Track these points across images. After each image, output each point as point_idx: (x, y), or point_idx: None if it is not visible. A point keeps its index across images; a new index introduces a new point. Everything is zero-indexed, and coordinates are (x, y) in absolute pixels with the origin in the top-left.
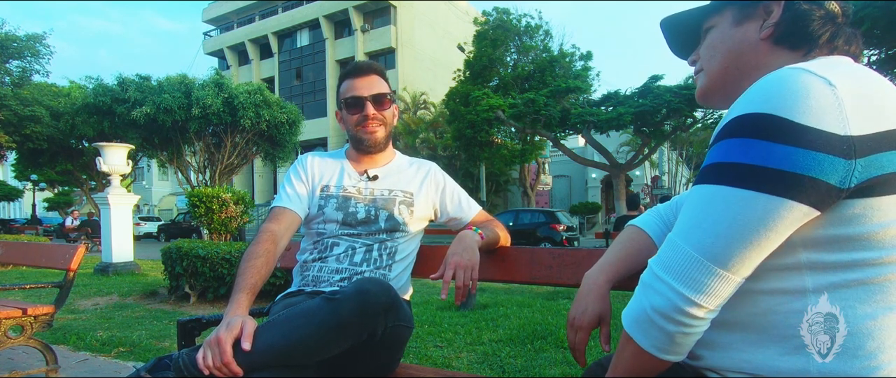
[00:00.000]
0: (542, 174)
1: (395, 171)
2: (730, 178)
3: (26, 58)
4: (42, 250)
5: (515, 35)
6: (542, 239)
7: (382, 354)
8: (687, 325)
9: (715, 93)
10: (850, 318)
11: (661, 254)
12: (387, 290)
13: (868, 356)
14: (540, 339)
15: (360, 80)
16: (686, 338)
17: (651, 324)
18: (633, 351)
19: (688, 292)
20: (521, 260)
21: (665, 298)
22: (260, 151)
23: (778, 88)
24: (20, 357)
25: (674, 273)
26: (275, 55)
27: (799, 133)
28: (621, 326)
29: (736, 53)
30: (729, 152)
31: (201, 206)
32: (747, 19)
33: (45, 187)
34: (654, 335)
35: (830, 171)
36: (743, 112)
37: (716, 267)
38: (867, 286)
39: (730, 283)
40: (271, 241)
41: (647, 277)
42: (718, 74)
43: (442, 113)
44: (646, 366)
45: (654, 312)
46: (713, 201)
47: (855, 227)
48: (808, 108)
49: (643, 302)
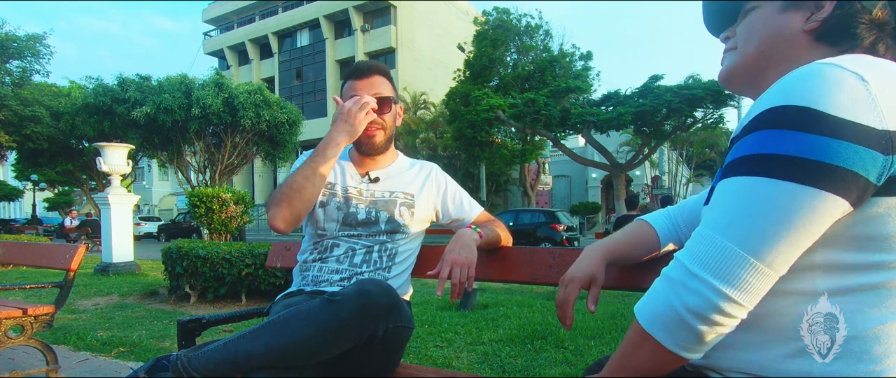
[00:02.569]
0: (542, 174)
1: (396, 173)
2: (768, 170)
3: (26, 58)
4: (42, 250)
5: (515, 35)
6: (542, 239)
7: (383, 355)
8: (721, 324)
9: (741, 75)
10: (858, 321)
11: (692, 248)
12: (387, 291)
13: (874, 360)
14: (540, 339)
15: (362, 81)
16: (716, 337)
17: (680, 323)
18: (652, 349)
19: (726, 288)
20: (521, 260)
21: (700, 297)
22: (260, 151)
23: (811, 82)
24: (20, 357)
25: (709, 268)
26: (275, 55)
27: (838, 125)
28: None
29: (774, 40)
30: (764, 143)
31: (201, 206)
32: (795, 8)
33: (46, 187)
34: (682, 335)
35: (870, 166)
36: (776, 104)
37: (755, 261)
38: (880, 290)
39: (768, 280)
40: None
41: (675, 273)
42: (752, 57)
43: (442, 113)
44: (665, 365)
45: (687, 312)
46: (751, 193)
47: (875, 228)
48: (844, 101)
49: (672, 300)
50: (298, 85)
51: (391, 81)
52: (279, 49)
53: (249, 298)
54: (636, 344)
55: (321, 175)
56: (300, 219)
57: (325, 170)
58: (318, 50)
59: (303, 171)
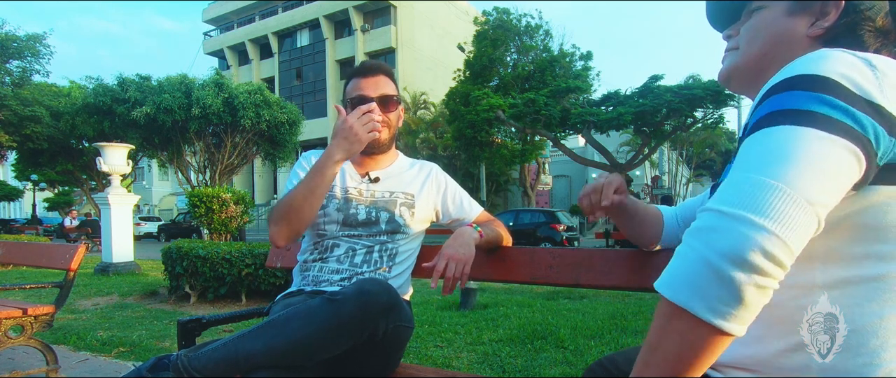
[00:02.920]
0: (542, 174)
1: (396, 173)
2: (787, 119)
3: (26, 58)
4: (42, 250)
5: (515, 35)
6: (542, 239)
7: (383, 354)
8: (764, 270)
9: (741, 75)
10: (856, 315)
11: (717, 194)
12: (387, 291)
13: (870, 354)
14: (540, 339)
15: (367, 80)
16: (759, 293)
17: (714, 276)
18: (684, 328)
19: (761, 219)
20: (521, 260)
21: (733, 234)
22: (260, 151)
23: (824, 59)
24: (20, 357)
25: (738, 203)
26: (275, 55)
27: (853, 96)
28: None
29: (777, 43)
30: (786, 102)
31: (201, 206)
32: (801, 12)
33: (46, 187)
34: (717, 293)
35: (881, 141)
36: (789, 75)
37: (786, 186)
38: (878, 283)
39: (804, 212)
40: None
41: (699, 222)
42: (754, 58)
43: (442, 113)
44: (702, 349)
45: (721, 257)
46: (771, 137)
47: (875, 217)
48: (855, 78)
49: (700, 250)
50: (298, 85)
51: (395, 82)
52: (279, 49)
53: (249, 298)
54: (663, 328)
55: (319, 195)
56: (300, 234)
57: (323, 189)
58: (318, 50)
59: (301, 191)
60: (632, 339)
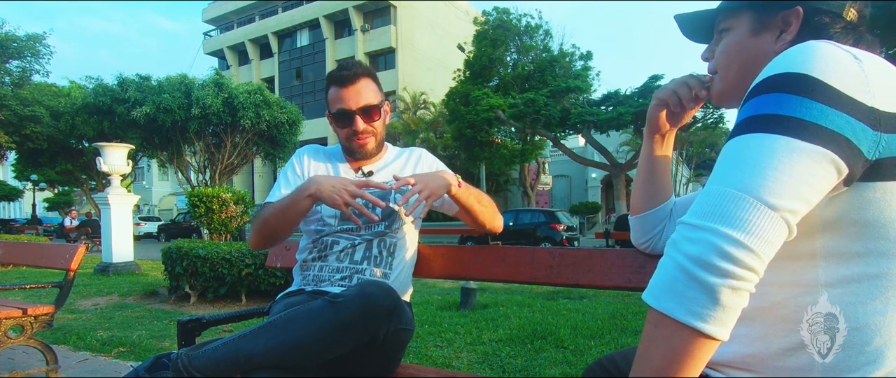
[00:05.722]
0: (542, 174)
1: (387, 164)
2: (765, 126)
3: (26, 58)
4: (42, 250)
5: (515, 35)
6: (542, 239)
7: (383, 356)
8: (733, 274)
9: (730, 97)
10: (858, 314)
11: (692, 207)
12: (389, 294)
13: (873, 352)
14: (540, 339)
15: (346, 90)
16: (734, 295)
17: (687, 279)
18: (668, 334)
19: (728, 229)
20: (521, 260)
21: (701, 243)
22: (260, 151)
23: (809, 54)
24: (20, 357)
25: (708, 215)
26: (275, 55)
27: (832, 95)
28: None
29: (751, 63)
30: (761, 106)
31: (201, 206)
32: (765, 29)
33: (45, 187)
34: (692, 296)
35: (862, 138)
36: (773, 72)
37: (755, 199)
38: (880, 279)
39: (774, 223)
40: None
41: (675, 235)
42: (734, 82)
43: (442, 113)
44: (687, 353)
45: (692, 263)
46: (748, 146)
47: (873, 213)
48: (838, 74)
49: (675, 258)
50: (298, 85)
51: (377, 81)
52: (279, 49)
53: (249, 298)
54: (650, 336)
55: (292, 220)
56: (274, 246)
57: (295, 217)
58: (317, 50)
59: (277, 215)
60: (632, 339)
